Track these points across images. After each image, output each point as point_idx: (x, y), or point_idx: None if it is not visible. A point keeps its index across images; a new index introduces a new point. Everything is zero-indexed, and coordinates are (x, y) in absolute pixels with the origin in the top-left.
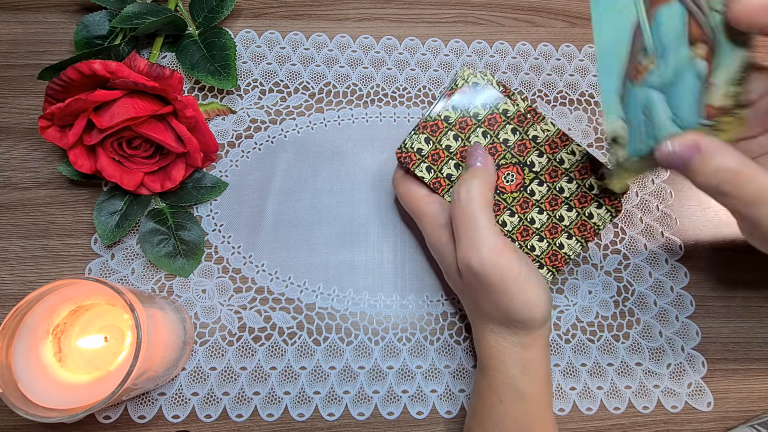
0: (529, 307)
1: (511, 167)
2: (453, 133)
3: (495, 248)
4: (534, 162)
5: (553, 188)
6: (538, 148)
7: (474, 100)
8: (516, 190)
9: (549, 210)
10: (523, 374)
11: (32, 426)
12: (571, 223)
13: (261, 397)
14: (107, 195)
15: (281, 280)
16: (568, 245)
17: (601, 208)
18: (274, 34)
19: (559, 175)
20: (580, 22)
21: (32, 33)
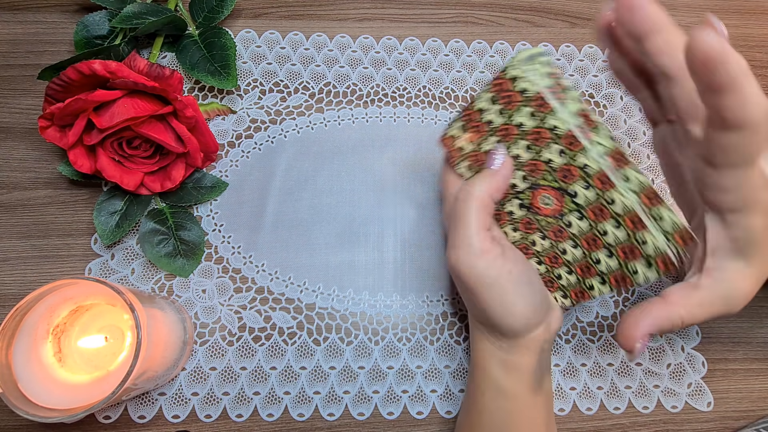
0: (505, 316)
1: (551, 191)
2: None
3: (474, 251)
4: (578, 193)
5: (596, 228)
6: (587, 180)
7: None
8: (551, 216)
9: (585, 248)
10: (506, 374)
11: (32, 426)
12: (608, 270)
13: (261, 397)
14: (107, 195)
15: (281, 280)
16: (598, 289)
17: (651, 268)
18: (274, 34)
19: (606, 217)
20: (580, 22)
21: (32, 33)
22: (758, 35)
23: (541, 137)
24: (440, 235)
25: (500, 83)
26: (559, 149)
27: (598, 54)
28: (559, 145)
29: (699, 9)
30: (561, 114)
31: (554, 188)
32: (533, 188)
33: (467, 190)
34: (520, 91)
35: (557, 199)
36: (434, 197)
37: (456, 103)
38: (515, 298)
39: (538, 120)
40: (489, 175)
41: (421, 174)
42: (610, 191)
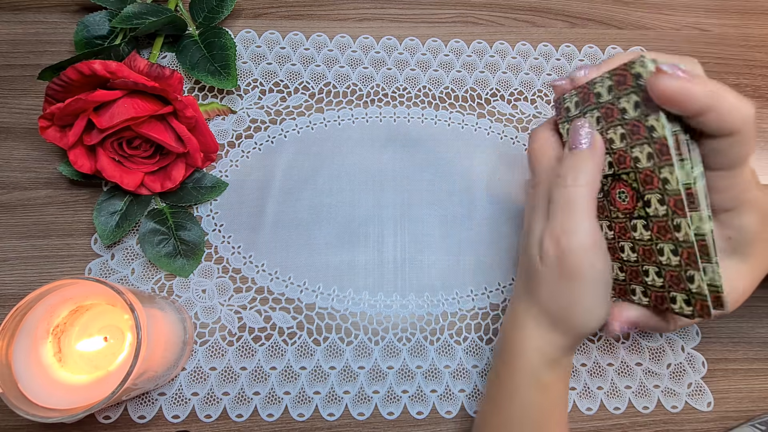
0: (587, 314)
1: (629, 189)
2: (597, 115)
3: (589, 240)
4: (651, 203)
5: (655, 244)
6: (663, 195)
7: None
8: (622, 213)
9: (641, 255)
10: (546, 367)
11: (32, 426)
12: (652, 285)
13: (261, 397)
14: (107, 195)
15: (281, 280)
16: (638, 296)
17: (689, 305)
18: (274, 34)
19: (668, 238)
20: (580, 22)
21: (32, 33)
22: (758, 35)
23: (638, 132)
24: (440, 234)
25: (623, 74)
26: (649, 152)
27: (598, 54)
28: (651, 148)
29: (699, 9)
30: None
31: (632, 188)
32: (615, 178)
33: (574, 179)
34: (635, 75)
35: (632, 199)
36: (434, 197)
37: (456, 103)
38: (603, 299)
39: (640, 113)
40: (587, 159)
41: (421, 174)
42: (680, 217)
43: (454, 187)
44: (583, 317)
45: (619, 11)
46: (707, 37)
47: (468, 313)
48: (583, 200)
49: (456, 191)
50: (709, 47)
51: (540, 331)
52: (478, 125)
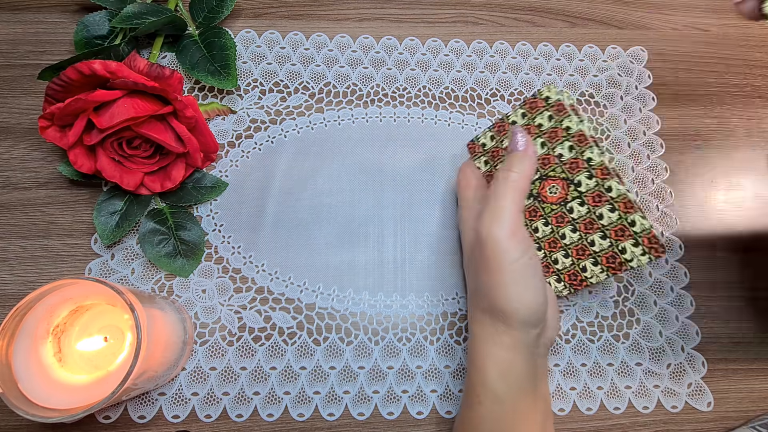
0: (512, 301)
1: (559, 181)
2: None
3: (508, 228)
4: (582, 182)
5: (593, 212)
6: (590, 171)
7: (543, 113)
8: (556, 203)
9: (583, 231)
10: (500, 377)
11: (32, 426)
12: (601, 250)
13: (261, 397)
14: (107, 195)
15: (281, 280)
16: (591, 270)
17: (638, 246)
18: (274, 34)
19: (603, 201)
20: (580, 22)
21: (32, 33)
22: (758, 35)
23: (556, 135)
24: (440, 234)
25: (534, 101)
26: (570, 145)
27: (598, 54)
28: (570, 141)
29: (699, 9)
30: (574, 118)
31: (561, 178)
32: (542, 179)
33: (506, 173)
34: (545, 98)
35: (563, 188)
36: (434, 197)
37: (456, 103)
38: (527, 287)
39: (555, 121)
40: (521, 157)
41: (421, 174)
42: (608, 180)
43: (454, 187)
44: (509, 301)
45: (619, 11)
46: (707, 37)
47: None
48: (511, 192)
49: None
50: (709, 47)
51: (485, 331)
52: (478, 125)
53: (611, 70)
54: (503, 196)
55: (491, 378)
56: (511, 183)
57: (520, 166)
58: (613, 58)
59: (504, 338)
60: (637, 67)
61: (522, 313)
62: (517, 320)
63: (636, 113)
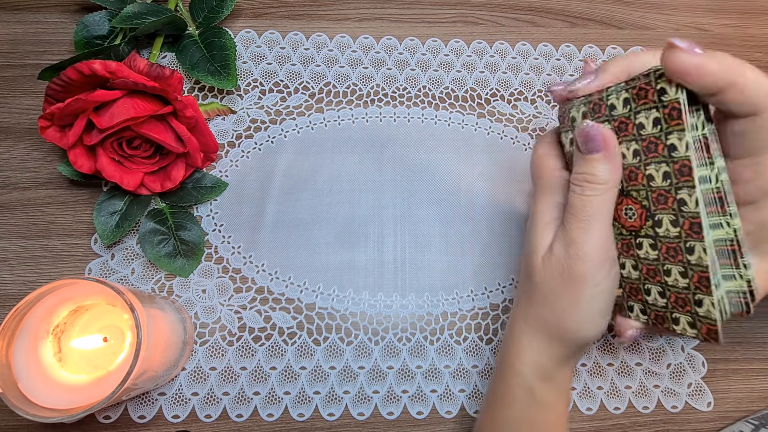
0: (585, 323)
1: (638, 207)
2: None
3: (599, 248)
4: (663, 223)
5: (661, 264)
6: (677, 216)
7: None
8: (627, 230)
9: (644, 274)
10: (541, 381)
11: (32, 426)
12: (654, 305)
13: (261, 397)
14: (107, 195)
15: (281, 280)
16: (636, 313)
17: (694, 327)
18: (274, 34)
19: (678, 260)
20: (580, 22)
21: (32, 33)
22: (758, 35)
23: (655, 150)
24: (440, 234)
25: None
26: (666, 171)
27: (598, 54)
28: (669, 167)
29: (699, 9)
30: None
31: (642, 206)
32: (622, 194)
33: (592, 185)
34: (659, 90)
35: (640, 217)
36: (434, 197)
37: (456, 103)
38: (601, 309)
39: (659, 130)
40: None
41: (421, 174)
42: (694, 240)
43: (454, 187)
44: (580, 324)
45: (619, 11)
46: (707, 37)
47: (468, 313)
48: (598, 208)
49: (456, 191)
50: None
51: (537, 341)
52: (478, 125)
53: None
54: (592, 211)
55: (531, 381)
56: (599, 197)
57: (605, 175)
58: None
59: (554, 353)
60: None
61: (589, 336)
62: (581, 342)
63: None
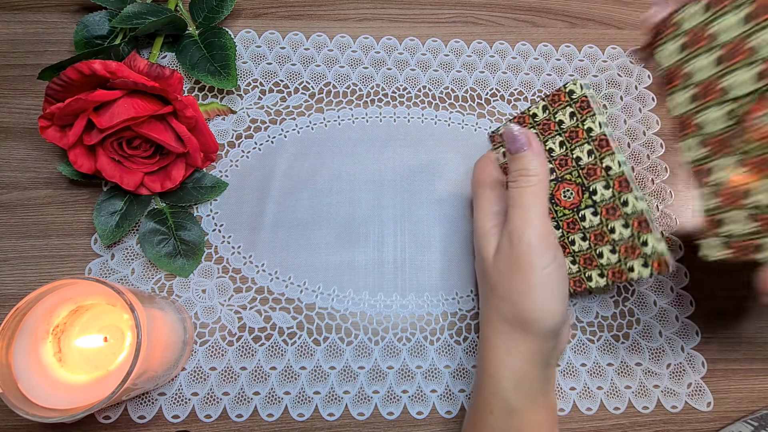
0: (540, 307)
1: (573, 186)
2: (534, 131)
3: (540, 232)
4: (597, 191)
5: (605, 225)
6: (608, 180)
7: (565, 109)
8: (569, 209)
9: (592, 241)
10: (515, 388)
11: (32, 426)
12: (608, 264)
13: (261, 397)
14: (107, 195)
15: (281, 280)
16: (595, 281)
17: (647, 267)
18: (274, 34)
19: (617, 216)
20: (580, 22)
21: (32, 33)
22: None
23: (576, 135)
24: (440, 234)
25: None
26: (589, 149)
27: (598, 54)
28: (590, 145)
29: None
30: (599, 118)
31: (577, 183)
32: (558, 181)
33: (526, 178)
34: (568, 92)
35: (577, 194)
36: (434, 197)
37: (456, 103)
38: (555, 294)
39: (577, 120)
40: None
41: (421, 174)
42: (626, 194)
43: (454, 187)
44: (535, 311)
45: (619, 11)
46: None
47: (468, 313)
48: (534, 197)
49: (456, 191)
50: None
51: (503, 340)
52: (478, 125)
53: (611, 71)
54: (529, 199)
55: (506, 388)
56: (534, 187)
57: (535, 167)
58: (613, 59)
59: (521, 348)
60: (636, 67)
61: (546, 322)
62: (541, 329)
63: (636, 113)
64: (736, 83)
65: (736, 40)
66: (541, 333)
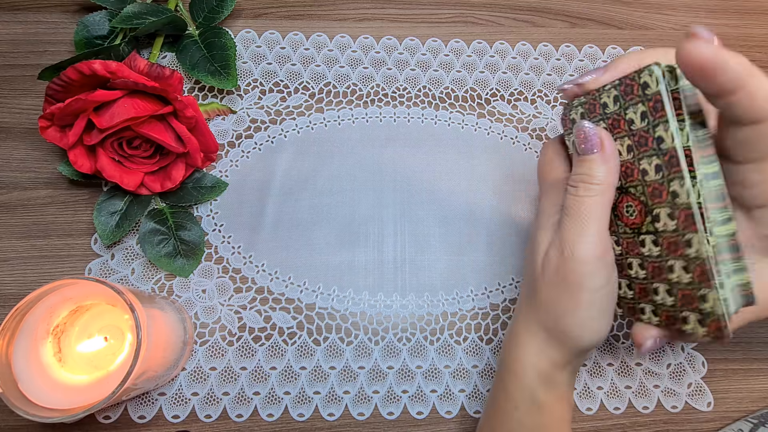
0: (584, 326)
1: (637, 203)
2: (603, 126)
3: (595, 250)
4: (660, 218)
5: (665, 260)
6: (672, 209)
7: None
8: (630, 227)
9: (650, 273)
10: (542, 384)
11: (32, 426)
12: (663, 305)
13: (261, 397)
14: (107, 195)
15: (281, 280)
16: (648, 316)
17: (703, 325)
18: (274, 34)
19: (679, 254)
20: (580, 22)
21: (32, 33)
22: (758, 35)
23: (645, 143)
24: (440, 234)
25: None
26: (657, 164)
27: (597, 54)
28: (659, 160)
29: (699, 9)
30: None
31: (640, 201)
32: (622, 191)
33: (588, 186)
34: (642, 84)
35: (640, 213)
36: (434, 197)
37: (456, 103)
38: (602, 317)
39: (647, 123)
40: (601, 163)
41: (421, 174)
42: (691, 233)
43: (454, 187)
44: (578, 329)
45: (619, 11)
46: None
47: (468, 313)
48: (594, 209)
49: (456, 191)
50: None
51: (536, 344)
52: (478, 125)
53: None
54: (586, 212)
55: (532, 386)
56: (594, 198)
57: (601, 175)
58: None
59: (554, 355)
60: None
61: (588, 341)
62: (579, 346)
63: None
64: None
65: None
66: (579, 348)
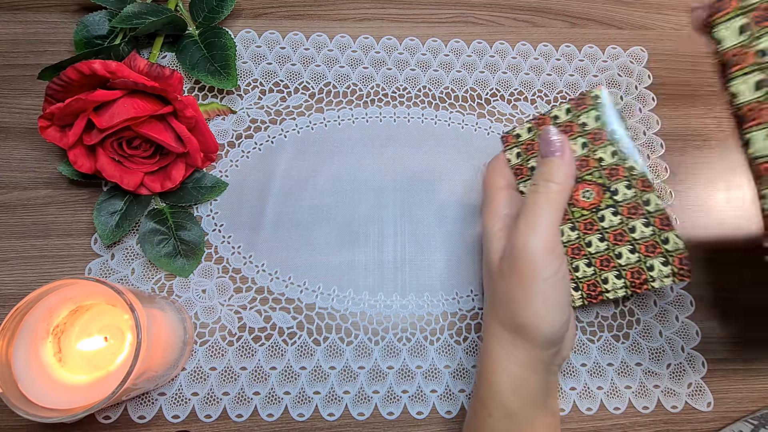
0: (538, 319)
1: (594, 186)
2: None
3: (546, 243)
4: (619, 191)
5: (626, 224)
6: (630, 180)
7: (589, 112)
8: (588, 209)
9: (611, 242)
10: (512, 392)
11: (32, 426)
12: (627, 264)
13: (261, 397)
14: (107, 195)
15: (281, 280)
16: (612, 283)
17: (667, 266)
18: (274, 34)
19: (639, 214)
20: (580, 22)
21: (32, 33)
22: None
23: (600, 137)
24: (440, 234)
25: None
26: (613, 150)
27: (598, 54)
28: (615, 146)
29: None
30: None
31: (598, 184)
32: (577, 181)
33: (545, 183)
34: (594, 97)
35: (598, 194)
36: (434, 197)
37: (456, 103)
38: (555, 305)
39: (601, 123)
40: (559, 165)
41: (421, 174)
42: (648, 192)
43: (454, 187)
44: (534, 319)
45: (619, 11)
46: None
47: (468, 313)
48: (549, 205)
49: (456, 191)
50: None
51: (502, 347)
52: (478, 125)
53: (611, 71)
54: (542, 207)
55: (503, 393)
56: (552, 194)
57: (560, 175)
58: (613, 59)
59: (520, 355)
60: (637, 68)
61: (545, 332)
62: (538, 338)
63: (636, 113)
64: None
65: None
66: (539, 342)
